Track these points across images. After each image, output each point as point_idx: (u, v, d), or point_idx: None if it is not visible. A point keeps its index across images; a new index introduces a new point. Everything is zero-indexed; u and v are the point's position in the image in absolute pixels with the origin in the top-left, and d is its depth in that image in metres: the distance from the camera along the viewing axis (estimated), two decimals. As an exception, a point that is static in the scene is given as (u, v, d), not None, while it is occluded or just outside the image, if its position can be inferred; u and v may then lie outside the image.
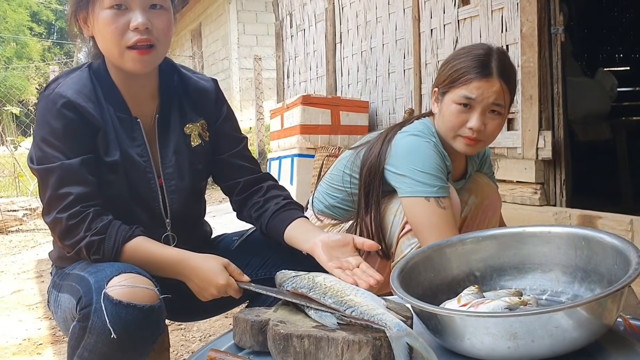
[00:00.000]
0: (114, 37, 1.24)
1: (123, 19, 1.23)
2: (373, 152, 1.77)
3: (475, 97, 1.63)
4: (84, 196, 1.23)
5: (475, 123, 1.64)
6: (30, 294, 3.37)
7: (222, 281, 1.23)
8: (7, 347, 2.47)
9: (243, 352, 1.11)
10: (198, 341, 2.38)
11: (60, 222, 1.22)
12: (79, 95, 1.26)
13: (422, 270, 1.28)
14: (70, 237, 1.22)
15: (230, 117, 1.51)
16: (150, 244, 1.27)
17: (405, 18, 4.44)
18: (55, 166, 1.23)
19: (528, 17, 3.22)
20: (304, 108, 4.66)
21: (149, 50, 1.26)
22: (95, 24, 1.26)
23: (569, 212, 3.03)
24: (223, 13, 11.22)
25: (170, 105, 1.40)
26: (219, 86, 1.51)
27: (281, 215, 1.40)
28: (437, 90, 1.74)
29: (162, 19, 1.27)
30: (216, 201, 6.38)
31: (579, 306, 0.91)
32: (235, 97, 10.45)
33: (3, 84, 15.70)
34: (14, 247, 4.92)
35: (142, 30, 1.23)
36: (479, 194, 1.90)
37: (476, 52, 1.67)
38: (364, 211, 1.79)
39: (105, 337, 1.07)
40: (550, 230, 1.28)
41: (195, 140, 1.42)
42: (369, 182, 1.77)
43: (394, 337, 0.94)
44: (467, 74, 1.64)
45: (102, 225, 1.22)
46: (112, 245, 1.22)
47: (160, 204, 1.36)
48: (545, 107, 3.20)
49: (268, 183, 1.49)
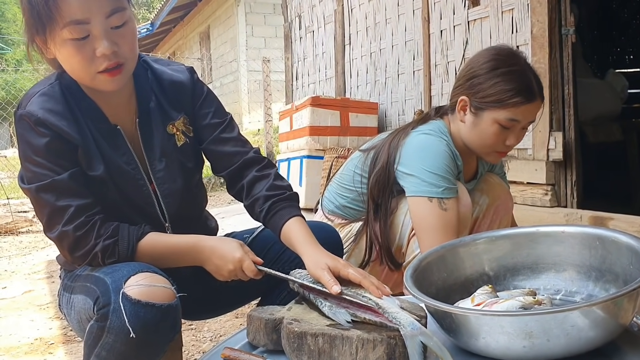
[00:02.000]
0: (82, 67, 1.20)
1: (87, 47, 1.17)
2: (382, 156, 1.76)
3: (521, 120, 1.65)
4: (85, 207, 1.22)
5: (515, 141, 1.68)
6: (41, 294, 3.39)
7: (239, 255, 1.24)
8: (19, 347, 2.49)
9: (257, 350, 1.11)
10: (209, 341, 2.38)
11: (67, 235, 1.21)
12: (50, 114, 1.22)
13: (435, 270, 1.28)
14: (81, 248, 1.21)
15: (208, 99, 1.44)
16: (162, 237, 1.28)
17: (414, 19, 4.43)
18: (47, 183, 1.21)
19: (538, 18, 3.21)
20: (313, 109, 4.66)
21: (119, 69, 1.22)
22: (58, 52, 1.21)
23: (580, 214, 3.01)
24: (231, 15, 11.24)
25: (148, 106, 1.36)
26: (194, 74, 1.44)
27: (270, 223, 1.37)
28: (468, 100, 1.70)
29: (125, 36, 1.21)
30: (225, 203, 6.39)
31: (595, 305, 0.91)
32: (243, 99, 10.47)
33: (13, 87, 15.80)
34: (24, 248, 4.95)
35: (109, 56, 1.19)
36: (490, 194, 1.89)
37: (518, 71, 1.65)
38: (373, 217, 1.78)
39: (124, 337, 1.07)
40: (563, 230, 1.27)
41: (180, 139, 1.39)
42: (378, 187, 1.76)
43: (409, 335, 0.94)
44: (514, 97, 1.62)
45: (112, 228, 1.23)
46: (127, 245, 1.22)
47: (156, 208, 1.35)
48: (556, 108, 3.19)
49: (249, 177, 1.41)
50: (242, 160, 1.41)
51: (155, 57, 1.45)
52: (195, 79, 1.43)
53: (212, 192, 7.41)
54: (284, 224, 1.31)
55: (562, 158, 3.14)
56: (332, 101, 4.83)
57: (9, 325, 2.80)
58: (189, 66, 1.45)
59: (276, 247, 1.44)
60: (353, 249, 1.84)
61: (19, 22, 25.38)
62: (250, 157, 1.42)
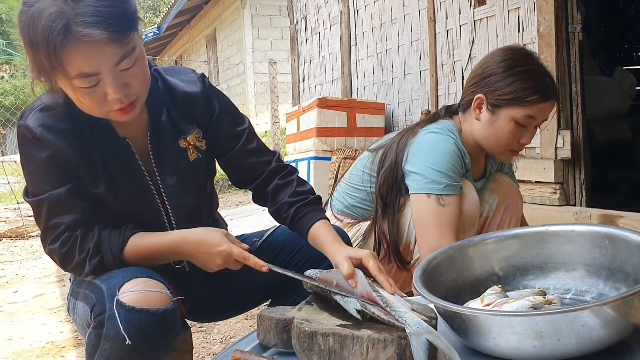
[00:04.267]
0: (93, 108, 1.16)
1: (98, 92, 1.12)
2: (390, 155, 1.78)
3: (537, 118, 1.68)
4: (73, 224, 1.22)
5: (528, 140, 1.70)
6: (52, 297, 3.41)
7: (224, 247, 1.23)
8: (30, 350, 2.50)
9: (267, 352, 1.12)
10: (219, 343, 2.39)
11: (54, 252, 1.23)
12: (49, 132, 1.19)
13: (444, 270, 1.28)
14: (69, 263, 1.23)
15: (223, 110, 1.41)
16: (145, 239, 1.26)
17: (420, 19, 4.43)
18: (44, 198, 1.21)
19: (545, 17, 3.20)
20: (320, 111, 4.67)
21: (132, 106, 1.18)
22: (66, 90, 1.15)
23: (589, 212, 3.00)
24: (237, 18, 11.27)
25: (159, 119, 1.32)
26: (205, 82, 1.40)
27: (297, 227, 1.38)
28: (484, 98, 1.71)
29: (137, 75, 1.16)
30: (233, 205, 6.41)
31: (606, 304, 0.90)
32: (250, 101, 10.49)
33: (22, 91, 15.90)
34: (34, 252, 4.98)
35: (121, 99, 1.14)
36: (500, 193, 1.89)
37: (536, 69, 1.68)
38: (381, 215, 1.80)
39: (120, 344, 1.08)
40: (573, 229, 1.27)
41: (192, 154, 1.36)
42: (386, 185, 1.77)
43: (413, 333, 0.95)
44: (532, 95, 1.64)
45: (93, 244, 1.22)
46: (113, 259, 1.22)
47: (165, 221, 1.34)
48: (563, 107, 3.18)
49: (273, 185, 1.42)
50: (266, 171, 1.43)
51: (166, 67, 1.41)
52: (208, 88, 1.39)
53: (221, 194, 7.42)
54: (310, 228, 1.34)
55: (570, 156, 3.13)
56: (339, 102, 4.83)
57: (20, 329, 2.82)
58: (199, 74, 1.41)
59: (286, 250, 1.45)
60: (361, 247, 1.84)
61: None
62: (274, 167, 1.44)
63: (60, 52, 1.05)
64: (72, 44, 1.05)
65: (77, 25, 1.04)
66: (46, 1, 1.06)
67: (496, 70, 1.69)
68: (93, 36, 1.05)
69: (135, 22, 1.13)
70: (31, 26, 1.06)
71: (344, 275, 1.13)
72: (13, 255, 4.95)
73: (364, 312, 1.04)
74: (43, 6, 1.05)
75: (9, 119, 8.93)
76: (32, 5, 1.07)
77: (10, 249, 5.25)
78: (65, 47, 1.05)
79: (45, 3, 1.05)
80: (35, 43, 1.06)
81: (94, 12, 1.05)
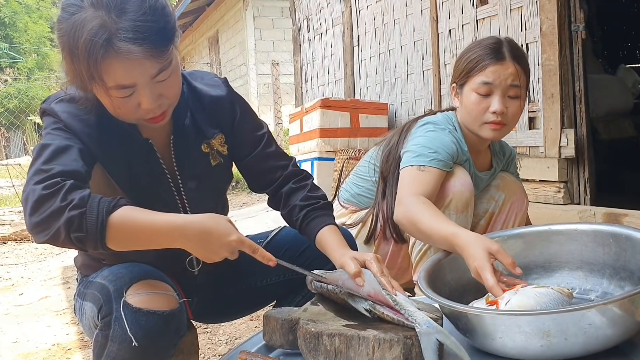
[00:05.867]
0: (125, 115, 1.16)
1: (132, 100, 1.12)
2: (392, 142, 1.87)
3: (493, 81, 1.69)
4: (69, 173, 1.08)
5: (497, 106, 1.69)
6: (57, 300, 3.42)
7: (236, 237, 1.11)
8: (37, 353, 2.51)
9: (273, 353, 1.12)
10: (224, 344, 2.39)
11: (33, 193, 1.05)
12: (75, 119, 1.17)
13: (448, 270, 1.28)
14: (42, 210, 1.03)
15: (245, 114, 1.41)
16: (140, 213, 1.08)
17: (423, 19, 4.43)
18: (50, 143, 1.13)
19: (548, 15, 3.20)
20: (323, 111, 4.67)
21: (163, 115, 1.19)
22: (99, 95, 1.14)
23: (593, 211, 2.99)
24: (240, 20, 11.29)
25: (183, 123, 1.31)
26: (228, 85, 1.41)
27: (305, 231, 1.39)
28: (455, 85, 1.81)
29: (172, 86, 1.17)
30: (237, 206, 6.42)
31: (612, 303, 0.90)
32: (253, 102, 10.50)
33: (25, 95, 15.96)
34: (39, 255, 4.99)
35: (154, 109, 1.15)
36: (506, 190, 1.93)
37: (486, 42, 1.74)
38: (381, 197, 1.87)
39: (127, 345, 1.08)
40: (576, 228, 1.27)
41: (215, 159, 1.36)
42: (387, 162, 1.85)
43: (424, 333, 0.95)
44: (481, 61, 1.70)
45: (80, 197, 1.04)
46: (96, 219, 1.03)
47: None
48: (567, 105, 3.17)
49: (286, 188, 1.43)
50: (282, 175, 1.44)
51: (189, 71, 1.40)
52: (232, 92, 1.41)
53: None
54: (318, 232, 1.34)
55: (574, 155, 3.12)
56: (342, 103, 4.83)
57: (26, 331, 2.83)
58: (222, 78, 1.42)
59: (290, 252, 1.45)
60: (360, 228, 1.93)
61: (30, 31, 25.61)
62: (290, 172, 1.45)
63: (100, 64, 1.05)
64: (112, 57, 1.05)
65: (120, 40, 1.04)
66: (88, 11, 1.05)
67: (460, 57, 1.80)
68: (134, 53, 1.05)
69: (175, 35, 1.13)
70: (72, 36, 1.05)
71: (351, 274, 1.14)
72: (18, 258, 4.96)
73: (371, 311, 1.04)
74: (85, 17, 1.04)
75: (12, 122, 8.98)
76: (73, 14, 1.06)
77: (15, 251, 5.26)
78: (105, 60, 1.05)
79: (87, 13, 1.04)
80: (76, 53, 1.06)
81: (136, 27, 1.05)
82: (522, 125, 3.44)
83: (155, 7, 1.09)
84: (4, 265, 4.60)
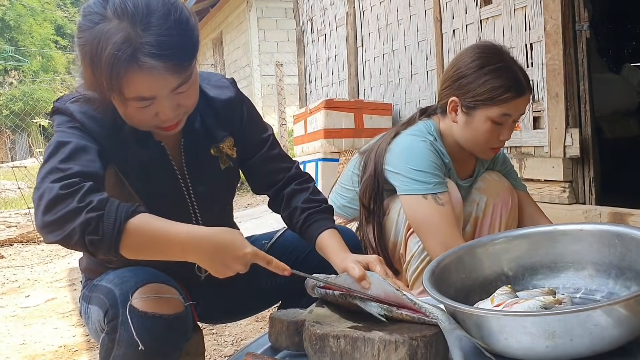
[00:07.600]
0: (140, 123, 1.17)
1: (150, 110, 1.13)
2: (370, 164, 1.80)
3: (513, 114, 1.67)
4: (88, 175, 1.07)
5: (508, 135, 1.70)
6: (63, 301, 3.44)
7: (250, 250, 1.08)
8: (44, 354, 2.53)
9: (279, 354, 1.12)
10: (230, 345, 2.40)
11: (49, 191, 1.02)
12: (89, 119, 1.17)
13: (453, 271, 1.28)
14: (59, 209, 1.00)
15: (251, 116, 1.42)
16: (158, 222, 1.05)
17: (426, 19, 4.43)
18: (70, 141, 1.11)
19: (552, 15, 3.19)
20: (327, 112, 4.67)
21: (178, 123, 1.20)
22: (116, 103, 1.14)
23: (599, 210, 2.99)
24: (244, 21, 11.30)
25: (193, 126, 1.31)
26: (236, 86, 1.42)
27: (306, 234, 1.39)
28: (457, 100, 1.72)
29: (189, 97, 1.17)
30: (241, 207, 6.42)
31: (618, 304, 0.90)
32: (257, 103, 10.50)
33: (30, 97, 16.02)
34: (45, 257, 5.01)
35: (172, 119, 1.16)
36: (488, 192, 1.87)
37: (505, 67, 1.66)
38: (365, 223, 1.82)
39: (134, 349, 1.09)
40: (581, 228, 1.27)
41: (224, 163, 1.37)
42: (368, 194, 1.79)
43: (448, 329, 0.95)
44: (505, 93, 1.64)
45: (99, 200, 1.01)
46: (113, 223, 1.00)
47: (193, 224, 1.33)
48: (571, 105, 3.16)
49: (288, 190, 1.44)
50: (285, 177, 1.45)
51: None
52: (241, 93, 1.41)
53: (229, 197, 7.43)
54: (319, 235, 1.34)
55: (579, 154, 3.11)
56: (346, 103, 4.83)
57: (33, 333, 2.84)
58: (230, 79, 1.42)
59: (294, 254, 1.46)
60: None
61: (35, 34, 25.69)
62: (292, 174, 1.46)
63: (122, 77, 1.05)
64: (135, 71, 1.04)
65: (144, 55, 1.03)
66: (112, 22, 1.04)
67: (467, 72, 1.69)
68: (157, 69, 1.05)
69: (197, 49, 1.13)
70: (95, 47, 1.04)
71: (356, 278, 1.14)
72: (24, 260, 4.98)
73: (387, 315, 1.04)
74: (109, 29, 1.03)
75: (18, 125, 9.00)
76: (96, 23, 1.05)
77: (21, 253, 5.29)
78: (127, 73, 1.05)
79: (111, 25, 1.04)
80: (98, 64, 1.05)
81: (161, 42, 1.04)
82: (526, 125, 3.43)
83: (180, 20, 1.08)
84: (10, 267, 4.62)
